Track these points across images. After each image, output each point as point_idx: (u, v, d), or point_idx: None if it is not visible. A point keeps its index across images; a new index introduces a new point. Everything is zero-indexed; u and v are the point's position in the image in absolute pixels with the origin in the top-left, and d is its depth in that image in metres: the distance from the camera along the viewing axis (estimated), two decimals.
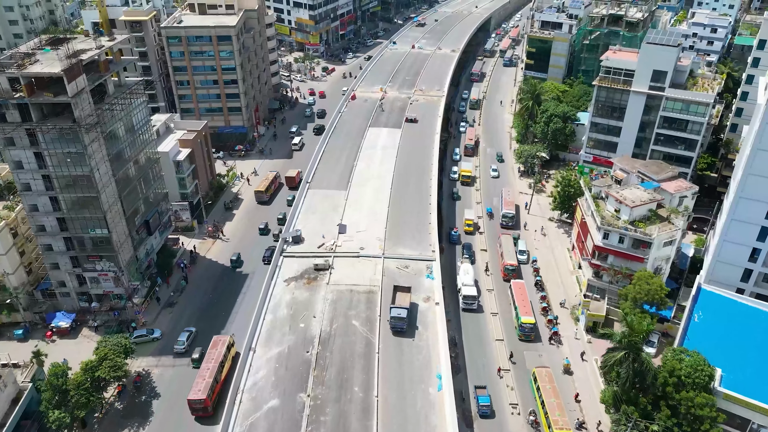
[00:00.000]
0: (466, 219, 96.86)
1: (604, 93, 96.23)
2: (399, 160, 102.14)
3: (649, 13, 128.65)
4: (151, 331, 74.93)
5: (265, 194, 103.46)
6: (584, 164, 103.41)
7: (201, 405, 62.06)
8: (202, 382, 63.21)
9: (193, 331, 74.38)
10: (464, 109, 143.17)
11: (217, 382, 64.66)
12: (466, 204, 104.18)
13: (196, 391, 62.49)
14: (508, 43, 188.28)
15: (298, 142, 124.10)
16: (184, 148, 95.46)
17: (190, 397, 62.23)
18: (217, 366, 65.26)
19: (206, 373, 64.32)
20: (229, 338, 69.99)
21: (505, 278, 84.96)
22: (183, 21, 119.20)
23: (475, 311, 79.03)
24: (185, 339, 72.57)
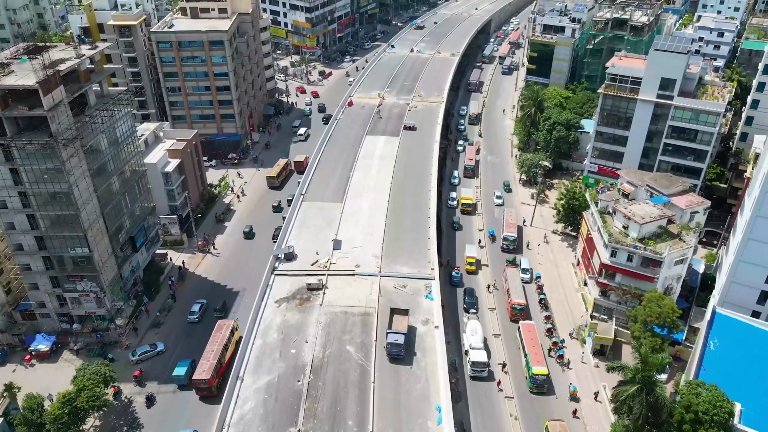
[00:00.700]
0: (467, 257, 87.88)
1: (610, 101, 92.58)
2: (397, 170, 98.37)
3: (654, 17, 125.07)
4: (155, 346, 72.66)
5: (277, 179, 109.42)
6: (589, 174, 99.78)
7: (206, 385, 65.08)
8: (207, 363, 66.03)
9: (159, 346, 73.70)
10: (463, 125, 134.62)
11: (221, 364, 67.39)
12: (468, 235, 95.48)
13: (201, 371, 65.32)
14: (507, 48, 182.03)
15: (304, 133, 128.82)
16: (173, 159, 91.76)
17: (195, 377, 65.27)
18: (221, 349, 68.12)
19: (210, 355, 67.09)
20: (234, 322, 72.71)
21: (512, 318, 77.73)
22: (174, 25, 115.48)
23: (485, 379, 69.51)
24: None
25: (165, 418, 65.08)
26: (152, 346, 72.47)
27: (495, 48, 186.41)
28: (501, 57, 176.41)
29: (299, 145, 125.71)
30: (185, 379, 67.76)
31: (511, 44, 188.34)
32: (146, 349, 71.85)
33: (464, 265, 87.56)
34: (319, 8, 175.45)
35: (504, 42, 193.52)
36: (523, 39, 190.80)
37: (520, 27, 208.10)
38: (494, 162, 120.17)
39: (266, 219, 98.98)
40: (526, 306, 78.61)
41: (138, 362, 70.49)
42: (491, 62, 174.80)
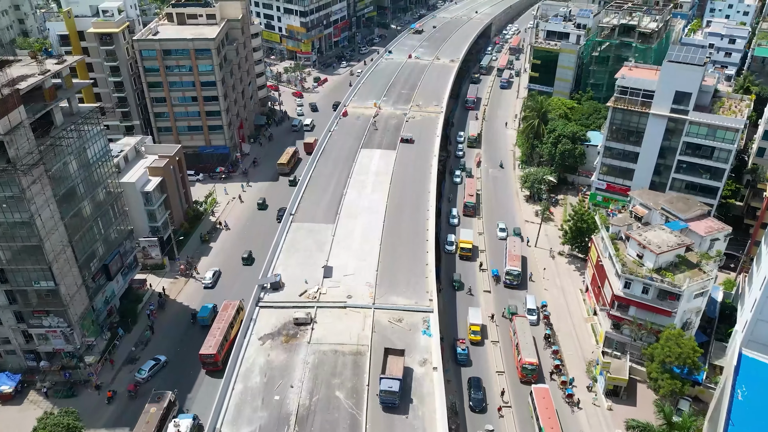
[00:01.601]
0: (471, 325, 73.98)
1: (620, 115, 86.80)
2: (393, 188, 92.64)
3: (663, 23, 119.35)
4: (158, 359, 70.32)
5: (287, 166, 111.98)
6: (597, 192, 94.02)
7: (211, 359, 67.28)
8: (213, 340, 68.52)
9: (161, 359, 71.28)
10: (461, 150, 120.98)
11: (227, 341, 69.28)
12: (468, 297, 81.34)
13: (208, 347, 67.75)
14: (505, 60, 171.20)
15: (310, 123, 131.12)
16: (154, 177, 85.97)
17: (202, 352, 67.52)
18: (226, 326, 70.41)
19: (217, 332, 69.76)
20: (239, 302, 74.75)
21: (522, 379, 68.01)
22: (159, 32, 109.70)
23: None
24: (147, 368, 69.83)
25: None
26: (155, 360, 70.24)
27: (493, 57, 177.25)
28: (499, 69, 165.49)
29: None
30: (208, 320, 74.91)
31: (511, 50, 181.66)
32: (152, 364, 69.41)
33: (468, 334, 73.87)
34: (314, 12, 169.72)
35: (502, 51, 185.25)
36: (523, 44, 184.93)
37: (521, 32, 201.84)
38: (496, 175, 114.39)
39: (257, 239, 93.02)
40: (539, 366, 68.71)
41: (148, 380, 67.74)
42: (488, 73, 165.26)
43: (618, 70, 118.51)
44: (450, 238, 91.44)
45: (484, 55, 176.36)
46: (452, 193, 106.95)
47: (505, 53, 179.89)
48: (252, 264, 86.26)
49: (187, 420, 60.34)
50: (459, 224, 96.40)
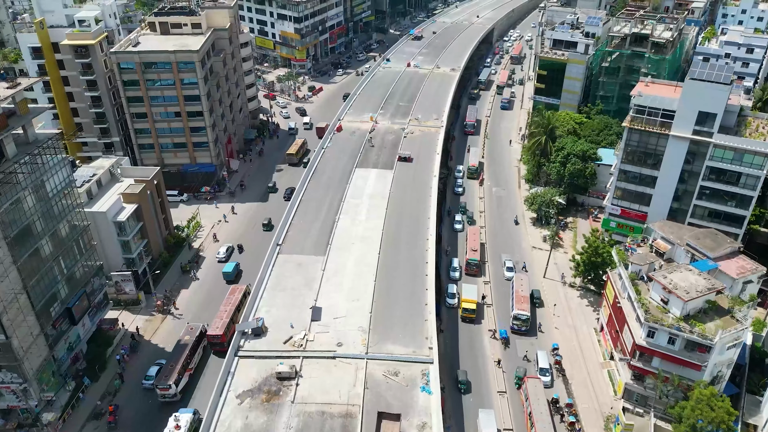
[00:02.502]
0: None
1: (636, 137, 79.62)
2: (390, 214, 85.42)
3: (678, 32, 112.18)
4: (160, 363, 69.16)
5: (296, 156, 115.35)
6: (610, 218, 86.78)
7: (218, 340, 69.61)
8: (220, 321, 71.32)
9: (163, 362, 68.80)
10: (460, 185, 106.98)
11: (234, 323, 69.83)
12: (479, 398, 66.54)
13: (215, 328, 70.55)
14: (505, 76, 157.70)
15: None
16: (128, 204, 78.82)
17: (210, 333, 70.45)
18: (233, 309, 72.98)
19: (224, 314, 72.45)
20: (246, 287, 76.48)
21: None
22: (140, 43, 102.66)
23: None
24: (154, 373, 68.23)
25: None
26: (159, 362, 69.41)
27: (492, 71, 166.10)
28: (499, 86, 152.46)
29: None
30: (233, 275, 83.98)
31: (512, 59, 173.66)
32: (158, 368, 68.07)
33: None
34: (308, 18, 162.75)
35: (502, 63, 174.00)
36: (526, 51, 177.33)
37: (523, 38, 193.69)
38: (500, 195, 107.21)
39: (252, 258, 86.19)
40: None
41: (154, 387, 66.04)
42: (488, 88, 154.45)
43: (629, 82, 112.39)
44: (451, 289, 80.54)
45: (483, 69, 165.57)
46: (451, 245, 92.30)
47: (504, 68, 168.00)
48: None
49: (187, 414, 60.43)
50: (460, 278, 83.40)
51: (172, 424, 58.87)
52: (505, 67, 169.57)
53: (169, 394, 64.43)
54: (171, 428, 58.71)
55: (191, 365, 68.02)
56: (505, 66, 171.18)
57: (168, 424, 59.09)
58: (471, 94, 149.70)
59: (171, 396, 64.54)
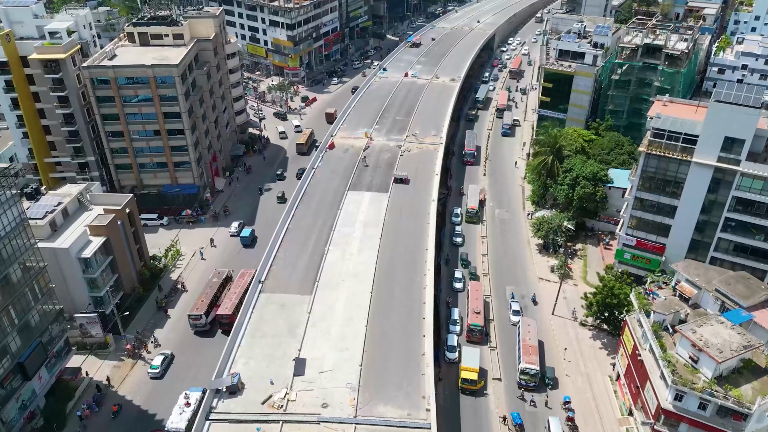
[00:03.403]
0: None
1: (655, 162, 72.46)
2: (384, 245, 78.24)
3: (693, 43, 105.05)
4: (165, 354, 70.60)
5: (305, 145, 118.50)
6: (624, 248, 79.61)
7: (227, 320, 71.08)
8: (229, 302, 74.01)
9: (168, 354, 71.11)
10: (459, 235, 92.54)
11: (241, 303, 69.01)
12: None
13: (224, 308, 73.33)
14: (505, 97, 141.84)
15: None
16: (96, 237, 71.65)
17: (219, 313, 73.27)
18: (242, 292, 73.59)
19: (234, 296, 74.81)
20: (254, 271, 74.35)
21: None
22: (117, 56, 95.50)
23: None
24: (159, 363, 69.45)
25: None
26: (164, 354, 70.50)
27: (490, 87, 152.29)
28: (499, 109, 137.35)
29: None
30: (249, 240, 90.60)
31: (511, 73, 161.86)
32: (163, 357, 69.98)
33: None
34: (302, 25, 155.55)
35: (501, 77, 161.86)
36: (527, 62, 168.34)
37: (523, 48, 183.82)
38: (503, 217, 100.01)
39: None
40: None
41: (162, 375, 68.31)
42: (486, 107, 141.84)
43: (640, 95, 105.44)
44: (451, 340, 71.24)
45: (480, 85, 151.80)
46: (450, 297, 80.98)
47: (503, 85, 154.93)
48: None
49: (197, 393, 61.32)
50: (459, 349, 70.89)
51: (182, 401, 61.01)
52: (504, 83, 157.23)
53: (200, 324, 73.86)
54: (182, 405, 60.67)
55: (218, 302, 75.66)
56: (504, 81, 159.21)
57: (178, 401, 61.18)
58: (468, 116, 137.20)
59: (202, 326, 74.02)
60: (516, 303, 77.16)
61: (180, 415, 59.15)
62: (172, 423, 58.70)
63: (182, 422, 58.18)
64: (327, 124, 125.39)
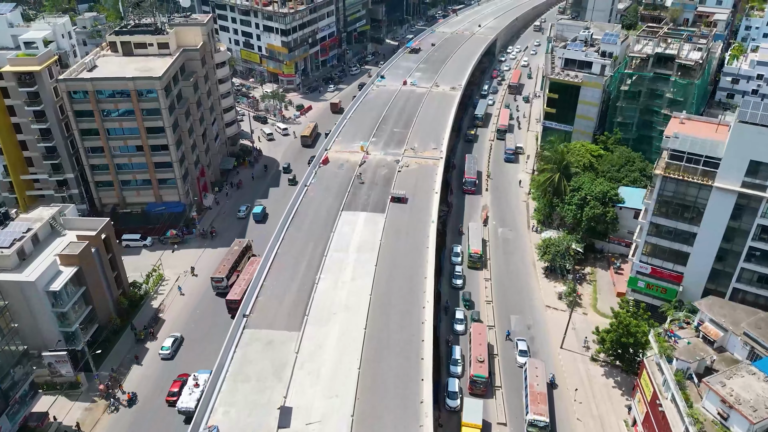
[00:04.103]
0: None
1: (672, 186, 66.94)
2: (380, 272, 72.74)
3: (707, 52, 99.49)
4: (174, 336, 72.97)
5: (309, 138, 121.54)
6: (638, 276, 74.09)
7: (236, 305, 70.38)
8: (238, 288, 74.71)
9: (178, 336, 73.24)
10: (459, 277, 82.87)
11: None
12: None
13: (233, 294, 74.16)
14: (506, 117, 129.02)
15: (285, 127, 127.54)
16: (66, 267, 66.14)
17: (228, 298, 74.67)
18: (252, 278, 72.26)
19: (243, 282, 75.28)
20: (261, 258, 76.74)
21: None
22: (97, 67, 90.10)
23: None
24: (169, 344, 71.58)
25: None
26: (173, 337, 72.58)
27: (490, 101, 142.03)
28: (500, 130, 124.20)
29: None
30: (261, 216, 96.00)
31: (510, 88, 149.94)
32: (174, 339, 72.24)
33: None
34: (297, 30, 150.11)
35: (500, 89, 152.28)
36: (527, 74, 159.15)
37: (522, 59, 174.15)
38: (507, 237, 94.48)
39: (215, 330, 73.30)
40: None
41: (173, 356, 70.66)
42: (486, 124, 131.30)
43: (651, 107, 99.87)
44: (452, 385, 64.65)
45: (479, 100, 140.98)
46: (451, 336, 73.86)
47: (502, 101, 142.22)
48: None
49: (205, 374, 62.65)
50: (462, 375, 67.25)
51: (191, 383, 63.54)
52: (503, 99, 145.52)
53: (222, 286, 78.74)
54: (191, 386, 63.23)
55: (239, 268, 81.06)
56: (504, 96, 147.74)
57: (188, 383, 63.83)
58: (467, 136, 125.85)
59: (223, 288, 78.56)
60: (523, 342, 71.27)
61: (189, 396, 62.09)
62: (182, 402, 61.97)
63: (191, 402, 61.03)
64: (333, 114, 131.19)
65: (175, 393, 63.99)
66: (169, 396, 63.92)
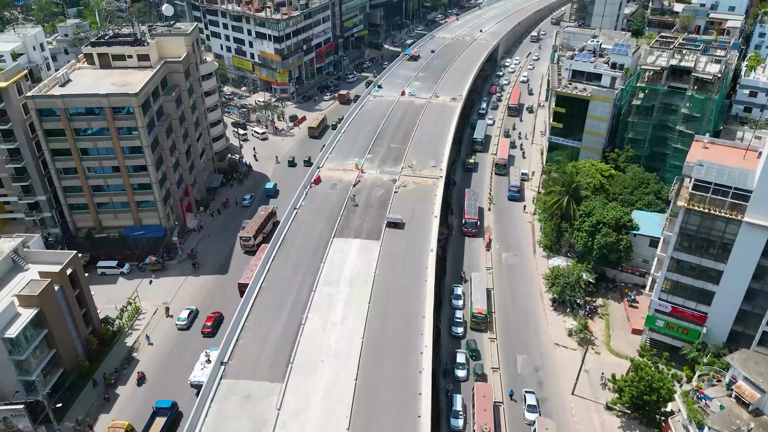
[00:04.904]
0: None
1: (697, 220, 60.50)
2: (373, 310, 66.20)
3: (725, 65, 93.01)
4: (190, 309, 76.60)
5: (317, 130, 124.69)
6: (657, 315, 67.64)
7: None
8: (250, 273, 74.49)
9: (193, 309, 76.91)
10: (459, 326, 73.96)
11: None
12: None
13: (246, 278, 74.76)
14: (506, 149, 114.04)
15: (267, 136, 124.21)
16: (26, 308, 59.72)
17: (240, 282, 76.29)
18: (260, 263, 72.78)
19: (254, 266, 75.18)
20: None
21: None
22: (71, 81, 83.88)
23: None
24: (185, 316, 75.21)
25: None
26: (190, 309, 76.28)
27: (489, 120, 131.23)
28: (499, 164, 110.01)
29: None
30: (273, 191, 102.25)
31: (509, 110, 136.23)
32: (189, 311, 75.86)
33: None
34: (290, 37, 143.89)
35: (501, 105, 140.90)
36: (528, 90, 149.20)
37: (522, 69, 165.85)
38: (511, 263, 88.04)
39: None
40: None
41: (187, 327, 74.38)
42: (485, 149, 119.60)
43: (664, 123, 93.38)
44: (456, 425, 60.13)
45: (477, 121, 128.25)
46: (451, 385, 66.80)
47: (502, 134, 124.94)
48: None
49: (215, 351, 62.21)
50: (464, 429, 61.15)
51: (203, 359, 66.41)
52: (502, 122, 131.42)
53: (249, 245, 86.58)
54: (203, 362, 66.11)
55: (264, 230, 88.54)
56: (503, 120, 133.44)
57: (200, 359, 66.79)
58: (466, 165, 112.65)
59: (250, 246, 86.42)
60: (531, 395, 64.70)
61: (201, 371, 64.38)
62: (195, 377, 64.84)
63: (203, 376, 61.71)
64: (340, 104, 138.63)
65: (209, 326, 73.33)
66: (204, 329, 73.44)
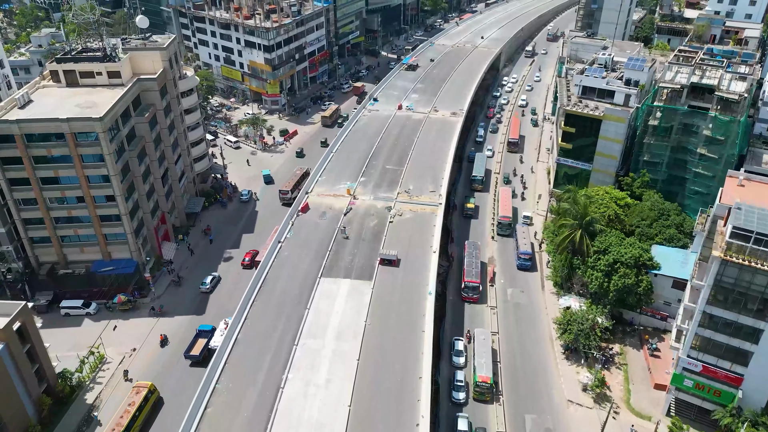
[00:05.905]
0: None
1: (734, 272, 52.55)
2: (362, 369, 58.25)
3: (750, 84, 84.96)
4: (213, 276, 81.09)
5: (330, 119, 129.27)
6: (685, 373, 59.64)
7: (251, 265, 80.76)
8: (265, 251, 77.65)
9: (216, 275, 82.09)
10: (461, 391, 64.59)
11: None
12: None
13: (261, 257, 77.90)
14: (509, 205, 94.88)
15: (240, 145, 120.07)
16: None
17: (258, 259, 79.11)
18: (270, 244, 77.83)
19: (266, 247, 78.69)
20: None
21: None
22: (32, 102, 75.95)
23: None
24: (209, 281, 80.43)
25: None
26: (213, 275, 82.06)
27: (488, 151, 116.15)
28: (502, 223, 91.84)
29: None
30: (270, 177, 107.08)
31: (510, 145, 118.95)
32: (212, 277, 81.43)
33: None
34: (282, 46, 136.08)
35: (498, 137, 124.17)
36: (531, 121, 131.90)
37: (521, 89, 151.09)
38: (518, 301, 79.97)
39: None
40: None
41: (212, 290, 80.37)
42: (486, 187, 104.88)
43: (684, 145, 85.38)
44: None
45: (475, 153, 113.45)
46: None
47: (503, 181, 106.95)
48: None
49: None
50: None
51: (222, 326, 70.20)
52: (501, 160, 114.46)
53: (287, 198, 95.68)
54: (221, 329, 69.64)
55: (300, 186, 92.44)
56: (502, 156, 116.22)
57: (219, 326, 70.98)
58: (466, 212, 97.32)
59: (288, 199, 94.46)
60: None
61: (221, 336, 65.44)
62: (215, 342, 67.94)
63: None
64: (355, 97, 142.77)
65: (248, 259, 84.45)
66: (243, 261, 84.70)
